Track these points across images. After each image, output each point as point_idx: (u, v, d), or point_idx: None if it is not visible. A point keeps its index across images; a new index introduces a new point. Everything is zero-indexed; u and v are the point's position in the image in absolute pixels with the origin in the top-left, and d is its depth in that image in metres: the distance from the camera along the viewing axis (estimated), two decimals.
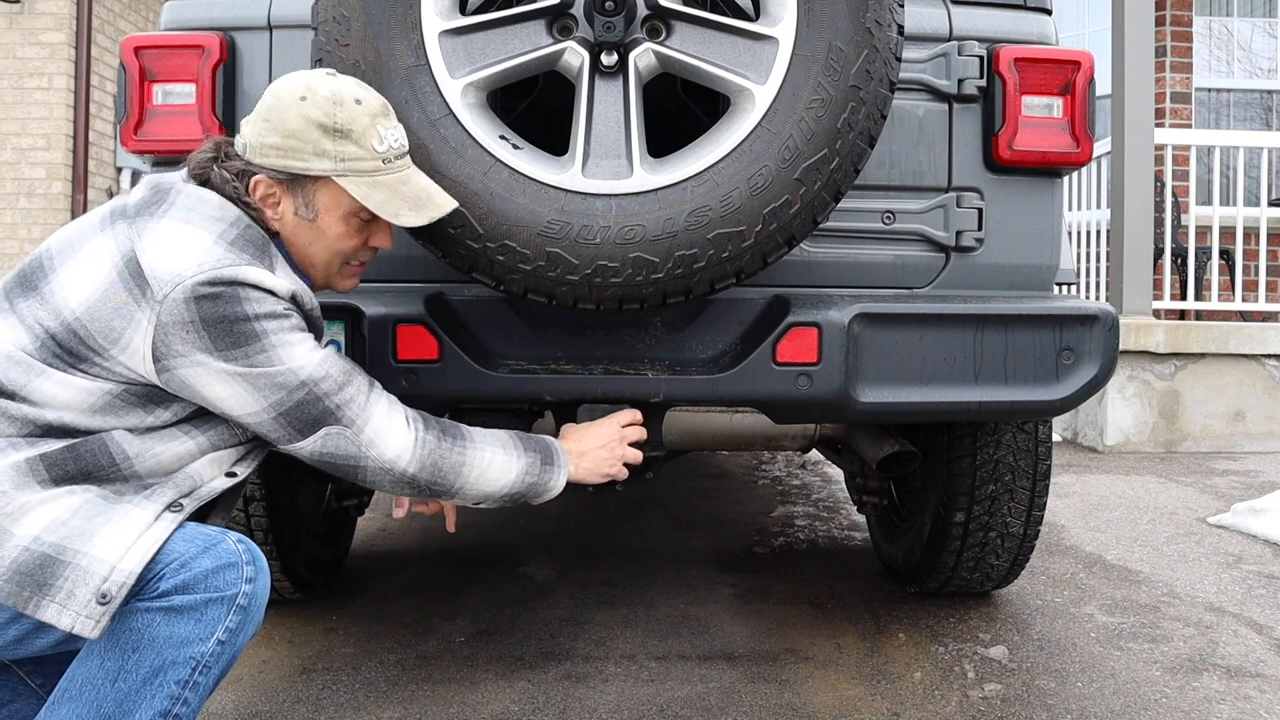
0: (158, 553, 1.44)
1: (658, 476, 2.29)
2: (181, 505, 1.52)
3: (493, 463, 1.69)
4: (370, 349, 2.00)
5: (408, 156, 1.68)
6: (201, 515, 1.68)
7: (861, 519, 3.81)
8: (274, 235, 1.63)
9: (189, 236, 1.50)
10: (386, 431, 1.60)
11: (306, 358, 1.54)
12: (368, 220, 1.68)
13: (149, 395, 1.52)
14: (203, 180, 1.60)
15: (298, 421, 1.55)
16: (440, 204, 1.67)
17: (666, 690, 2.31)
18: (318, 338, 1.63)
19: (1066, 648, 2.59)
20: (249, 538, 2.50)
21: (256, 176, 1.60)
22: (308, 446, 1.58)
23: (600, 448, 1.86)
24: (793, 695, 2.29)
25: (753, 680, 2.37)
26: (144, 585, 1.42)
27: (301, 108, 1.59)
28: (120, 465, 1.50)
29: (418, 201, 1.64)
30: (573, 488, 1.82)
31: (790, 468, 5.03)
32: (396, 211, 1.62)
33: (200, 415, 1.56)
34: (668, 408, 2.15)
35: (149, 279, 1.46)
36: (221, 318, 1.47)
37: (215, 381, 1.50)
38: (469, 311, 2.07)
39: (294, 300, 1.56)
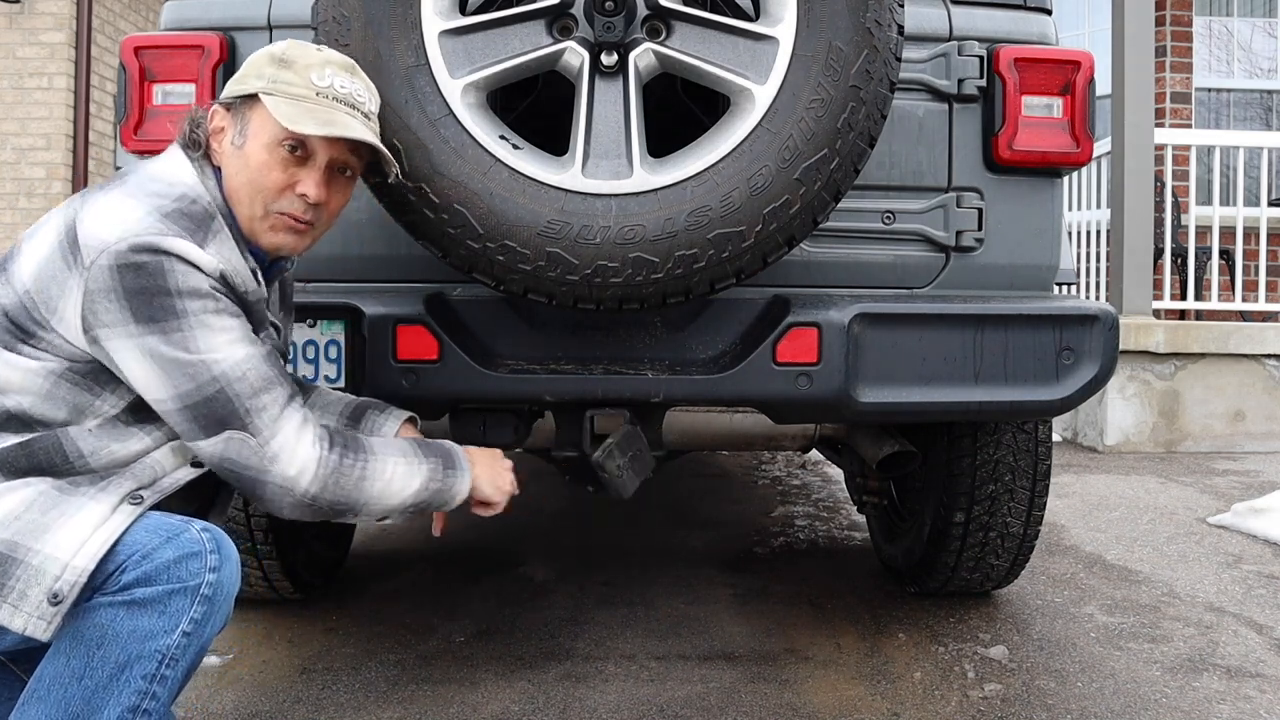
0: (118, 545, 1.41)
1: (658, 476, 2.29)
2: (141, 497, 1.49)
3: (395, 472, 1.61)
4: (370, 349, 2.00)
5: (356, 110, 1.59)
6: (202, 514, 1.67)
7: (861, 519, 3.81)
8: (218, 170, 1.60)
9: (123, 206, 1.48)
10: (294, 448, 1.52)
11: (226, 351, 1.48)
12: (293, 156, 1.57)
13: (91, 374, 1.49)
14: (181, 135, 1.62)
15: (202, 418, 1.48)
16: (346, 127, 1.55)
17: (666, 690, 2.31)
18: (257, 325, 1.58)
19: (1066, 648, 2.59)
20: (249, 538, 2.54)
21: (213, 109, 1.61)
22: (208, 447, 1.50)
23: (492, 463, 1.78)
24: (793, 695, 2.29)
25: (753, 680, 2.37)
26: (106, 578, 1.40)
27: (266, 48, 1.62)
28: (74, 463, 1.48)
29: (325, 121, 1.55)
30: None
31: (790, 468, 5.03)
32: (296, 120, 1.52)
33: (152, 411, 1.53)
34: (668, 408, 2.15)
35: (81, 246, 1.45)
36: (143, 289, 1.43)
37: (131, 358, 1.46)
38: (469, 311, 2.07)
39: (223, 280, 1.50)
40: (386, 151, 1.63)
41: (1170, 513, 4.11)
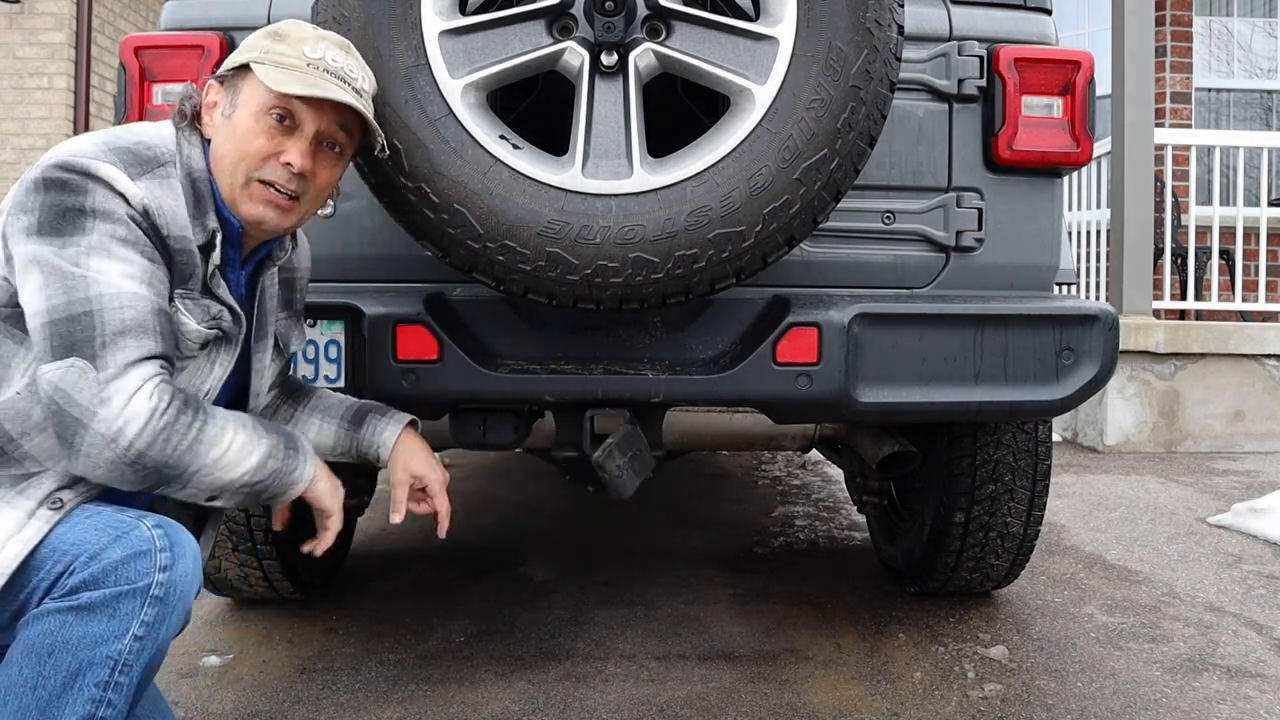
0: (66, 545, 1.37)
1: (658, 476, 2.29)
2: (61, 500, 1.43)
3: (236, 440, 1.48)
4: (370, 349, 2.00)
5: (346, 84, 1.55)
6: (198, 527, 1.66)
7: (861, 519, 3.81)
8: (208, 142, 1.57)
9: (79, 138, 1.47)
10: (131, 394, 1.39)
11: (115, 280, 1.40)
12: (281, 125, 1.54)
13: (13, 319, 1.45)
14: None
15: (58, 336, 1.38)
16: (329, 91, 1.52)
17: (666, 690, 2.31)
18: (181, 280, 1.50)
19: (1066, 648, 2.59)
20: (249, 538, 2.53)
21: (208, 84, 1.59)
22: (49, 372, 1.38)
23: (331, 474, 1.66)
24: (793, 695, 2.29)
25: (753, 680, 2.37)
26: (55, 581, 1.36)
27: (264, 28, 1.60)
28: (5, 448, 1.44)
29: (310, 85, 1.51)
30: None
31: (790, 468, 5.03)
32: (282, 83, 1.50)
33: None
34: (668, 408, 2.15)
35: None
36: (58, 204, 1.40)
37: (24, 267, 1.41)
38: (469, 311, 2.07)
39: (145, 215, 1.44)
40: (374, 123, 1.60)
41: (1170, 513, 4.11)
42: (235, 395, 1.71)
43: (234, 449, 1.48)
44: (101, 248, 1.41)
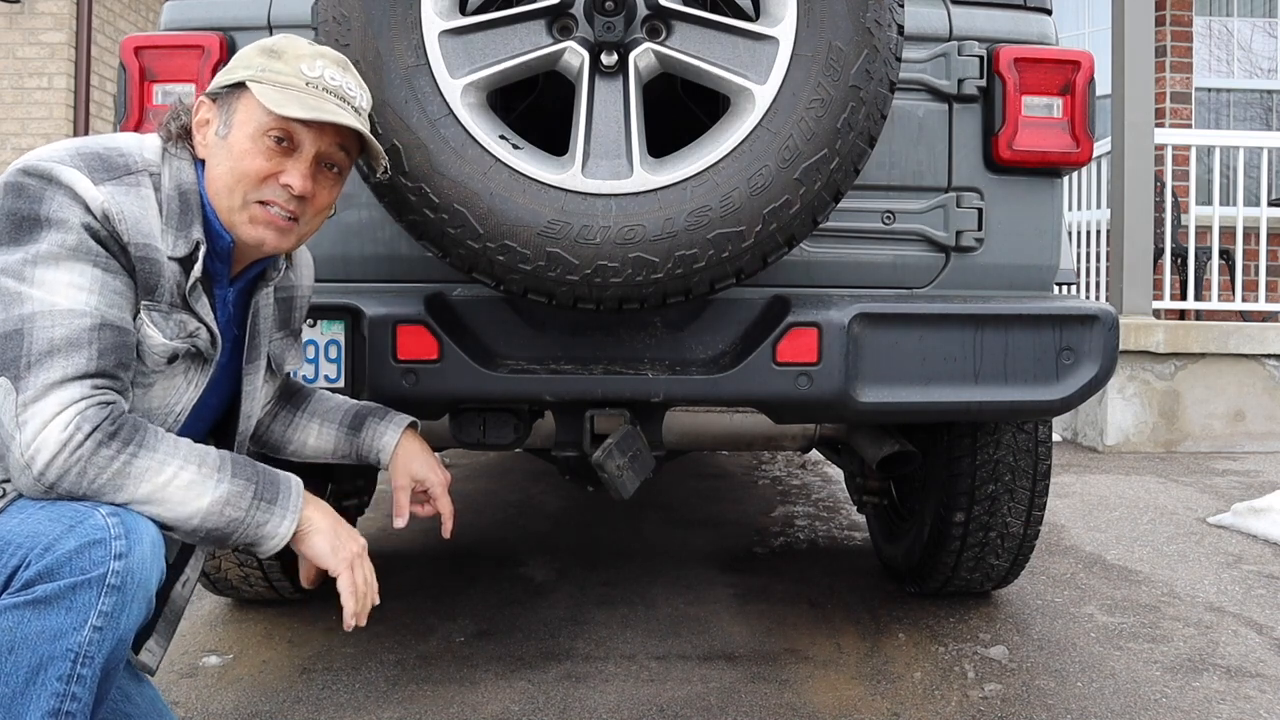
0: (20, 537, 1.33)
1: (658, 476, 2.30)
2: (3, 490, 1.39)
3: (177, 479, 1.39)
4: (370, 349, 2.00)
5: (346, 103, 1.52)
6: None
7: (861, 519, 3.81)
8: (201, 163, 1.53)
9: (53, 144, 1.45)
10: (46, 420, 1.34)
11: (56, 294, 1.37)
12: (279, 147, 1.50)
13: None
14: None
15: None
16: (332, 114, 1.48)
17: (666, 690, 2.31)
18: (147, 290, 1.45)
19: (1066, 648, 2.59)
20: None
21: (199, 101, 1.55)
22: None
23: (337, 525, 1.56)
24: (793, 695, 2.29)
25: (753, 680, 2.37)
26: (12, 574, 1.32)
27: (257, 41, 1.56)
28: None
29: (312, 107, 1.48)
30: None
31: (790, 468, 5.04)
32: (283, 105, 1.45)
33: None
34: (668, 408, 2.15)
35: None
36: (14, 211, 1.38)
37: None
38: (469, 311, 2.08)
39: (105, 218, 1.40)
40: (376, 144, 1.57)
41: (1170, 513, 4.11)
42: (225, 417, 1.69)
43: (173, 488, 1.40)
44: (50, 257, 1.37)
